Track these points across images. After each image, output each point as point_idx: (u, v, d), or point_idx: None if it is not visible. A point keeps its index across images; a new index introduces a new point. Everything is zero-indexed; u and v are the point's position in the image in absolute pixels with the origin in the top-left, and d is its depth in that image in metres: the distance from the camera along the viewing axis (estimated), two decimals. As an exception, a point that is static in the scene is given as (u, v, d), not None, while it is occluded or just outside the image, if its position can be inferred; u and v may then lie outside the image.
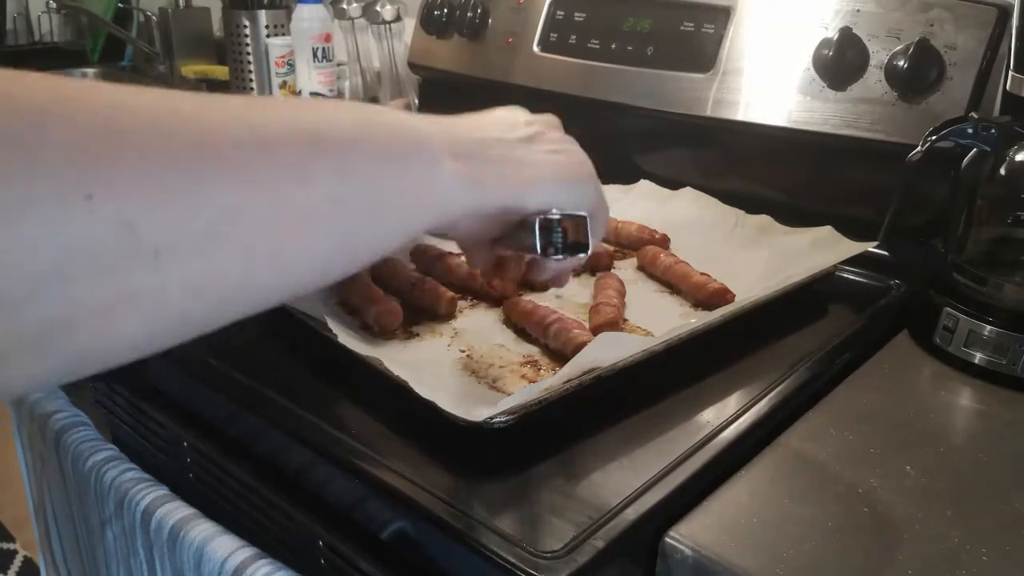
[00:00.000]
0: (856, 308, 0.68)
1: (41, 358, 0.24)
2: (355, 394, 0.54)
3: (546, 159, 0.40)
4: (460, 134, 0.37)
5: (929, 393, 0.59)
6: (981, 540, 0.43)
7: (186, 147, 0.25)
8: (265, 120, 0.29)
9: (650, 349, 0.54)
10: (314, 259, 0.30)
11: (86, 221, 0.22)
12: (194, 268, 0.26)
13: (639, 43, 0.91)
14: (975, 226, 0.63)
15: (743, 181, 0.86)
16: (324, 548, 0.50)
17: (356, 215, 0.31)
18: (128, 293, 0.24)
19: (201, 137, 0.26)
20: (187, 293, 0.26)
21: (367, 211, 0.32)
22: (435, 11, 1.07)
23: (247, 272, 0.28)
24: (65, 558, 0.77)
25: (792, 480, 0.47)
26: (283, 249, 0.29)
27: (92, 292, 0.23)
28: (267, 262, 0.28)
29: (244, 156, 0.27)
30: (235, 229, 0.27)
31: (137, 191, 0.24)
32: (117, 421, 0.69)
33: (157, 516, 0.57)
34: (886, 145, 0.74)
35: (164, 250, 0.24)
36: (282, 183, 0.28)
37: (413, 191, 0.34)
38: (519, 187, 0.38)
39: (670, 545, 0.43)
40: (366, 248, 0.33)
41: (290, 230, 0.28)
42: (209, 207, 0.26)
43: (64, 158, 0.22)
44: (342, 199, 0.30)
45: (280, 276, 0.29)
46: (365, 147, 0.32)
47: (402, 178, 0.33)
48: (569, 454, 0.48)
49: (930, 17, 0.73)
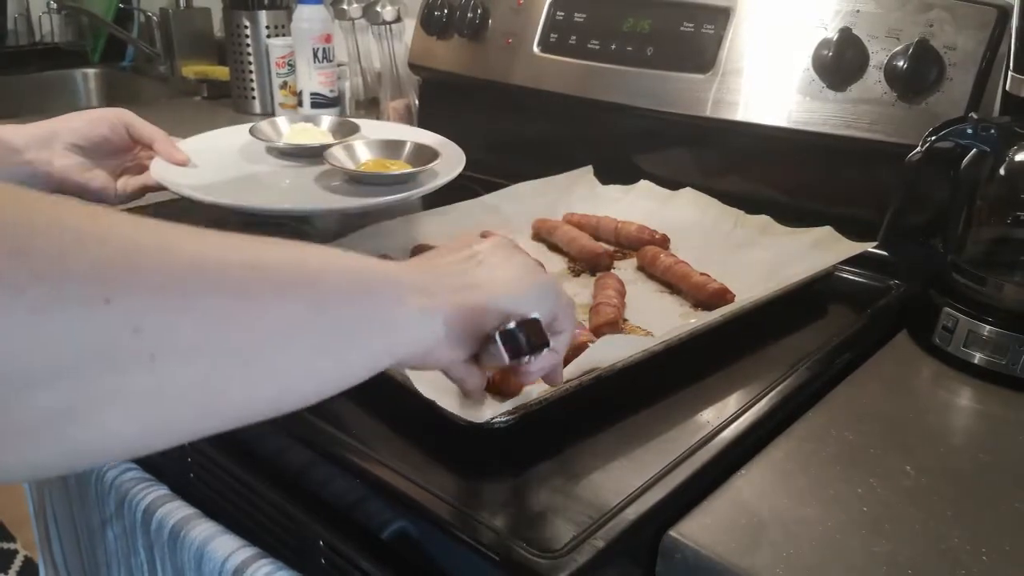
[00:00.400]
0: (856, 308, 0.68)
1: (41, 446, 0.26)
2: (355, 394, 0.54)
3: (496, 273, 0.44)
4: (416, 272, 0.42)
5: (929, 393, 0.59)
6: (981, 540, 0.43)
7: (189, 269, 0.29)
8: (255, 250, 0.33)
9: (650, 349, 0.54)
10: (290, 375, 0.33)
11: (102, 322, 0.26)
12: (185, 372, 0.29)
13: (639, 43, 0.91)
14: (975, 226, 0.63)
15: (743, 181, 0.87)
16: (325, 548, 0.50)
17: (328, 340, 0.34)
18: (126, 390, 0.27)
19: (201, 261, 0.30)
20: (177, 395, 0.29)
21: (339, 336, 0.35)
22: (435, 12, 1.07)
23: (228, 383, 0.30)
24: (65, 558, 0.77)
25: (792, 480, 0.47)
26: (262, 363, 0.31)
27: (96, 386, 0.26)
28: (248, 374, 0.31)
29: (234, 278, 0.31)
30: (221, 341, 0.30)
31: (145, 300, 0.27)
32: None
33: (158, 516, 0.57)
34: (886, 145, 0.74)
35: (161, 354, 0.27)
36: (265, 297, 0.32)
37: (384, 320, 0.37)
38: (477, 305, 0.42)
39: (670, 545, 0.43)
40: (341, 374, 0.36)
41: (269, 345, 0.32)
42: (201, 316, 0.29)
43: (90, 268, 0.26)
44: (317, 323, 0.34)
45: (259, 391, 0.32)
46: (342, 274, 0.36)
47: (375, 307, 0.37)
48: (569, 454, 0.49)
49: (930, 17, 0.73)
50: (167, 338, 0.28)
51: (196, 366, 0.29)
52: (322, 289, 0.34)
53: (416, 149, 0.80)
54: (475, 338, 0.42)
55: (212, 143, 0.85)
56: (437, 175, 0.76)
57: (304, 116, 0.98)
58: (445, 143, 0.84)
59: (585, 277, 0.73)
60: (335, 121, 0.91)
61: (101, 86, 1.83)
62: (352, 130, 0.89)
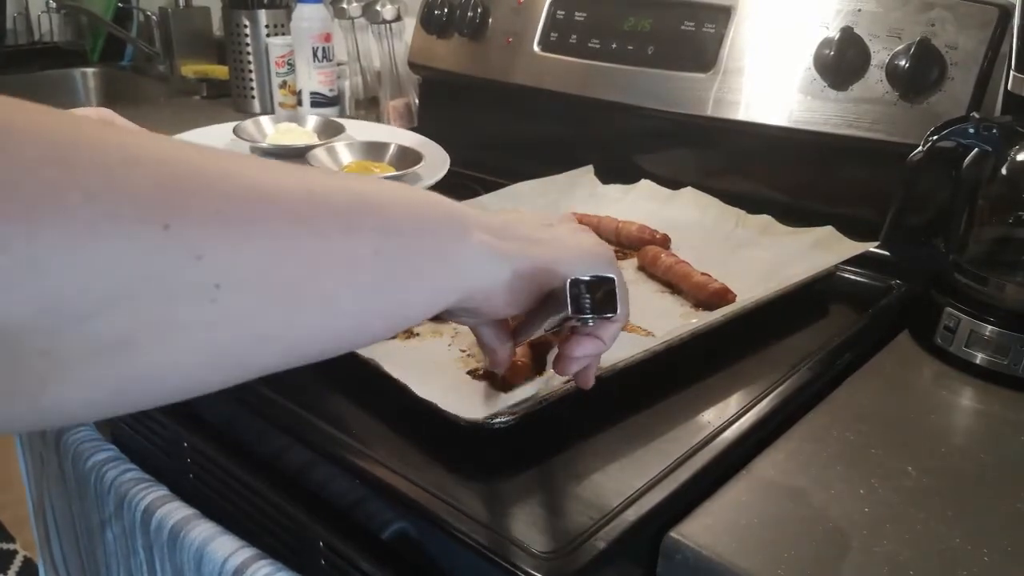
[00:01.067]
0: (857, 308, 0.68)
1: (98, 377, 0.25)
2: (355, 393, 0.54)
3: (569, 239, 0.43)
4: (487, 216, 0.40)
5: (930, 393, 0.59)
6: (982, 540, 0.43)
7: (251, 195, 0.28)
8: (316, 179, 0.32)
9: (651, 349, 0.54)
10: (350, 312, 0.32)
11: (161, 247, 0.24)
12: (247, 306, 0.27)
13: (640, 43, 0.91)
14: (976, 226, 0.63)
15: (744, 181, 0.86)
16: (324, 548, 0.50)
17: (394, 271, 0.33)
18: (188, 322, 0.26)
19: (263, 187, 0.28)
20: (240, 330, 0.27)
21: (404, 269, 0.33)
22: (435, 11, 1.07)
23: (291, 314, 0.29)
24: (65, 558, 0.77)
25: (793, 480, 0.47)
26: (325, 294, 0.30)
27: (156, 316, 0.25)
28: (311, 306, 0.30)
29: (298, 205, 0.29)
30: (285, 270, 0.28)
31: (208, 228, 0.26)
32: (117, 421, 0.69)
33: (157, 516, 0.57)
34: (887, 145, 0.74)
35: (224, 283, 0.26)
36: (329, 230, 0.30)
37: (446, 256, 0.36)
38: (546, 259, 0.40)
39: (671, 545, 0.43)
40: (403, 311, 0.34)
41: (333, 276, 0.30)
42: (266, 246, 0.28)
43: (149, 189, 0.24)
44: (382, 252, 0.32)
45: (321, 324, 0.31)
46: (404, 210, 0.34)
47: (436, 243, 0.35)
48: (570, 454, 0.48)
49: (931, 17, 0.73)
50: (231, 267, 0.26)
51: (260, 297, 0.27)
52: (387, 221, 0.33)
53: (400, 151, 0.80)
54: (537, 294, 0.41)
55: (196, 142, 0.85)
56: (420, 178, 0.76)
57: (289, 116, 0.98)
58: (429, 145, 0.84)
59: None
60: (320, 121, 0.91)
61: (100, 85, 1.83)
62: (337, 131, 0.89)
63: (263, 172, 0.29)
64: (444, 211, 0.36)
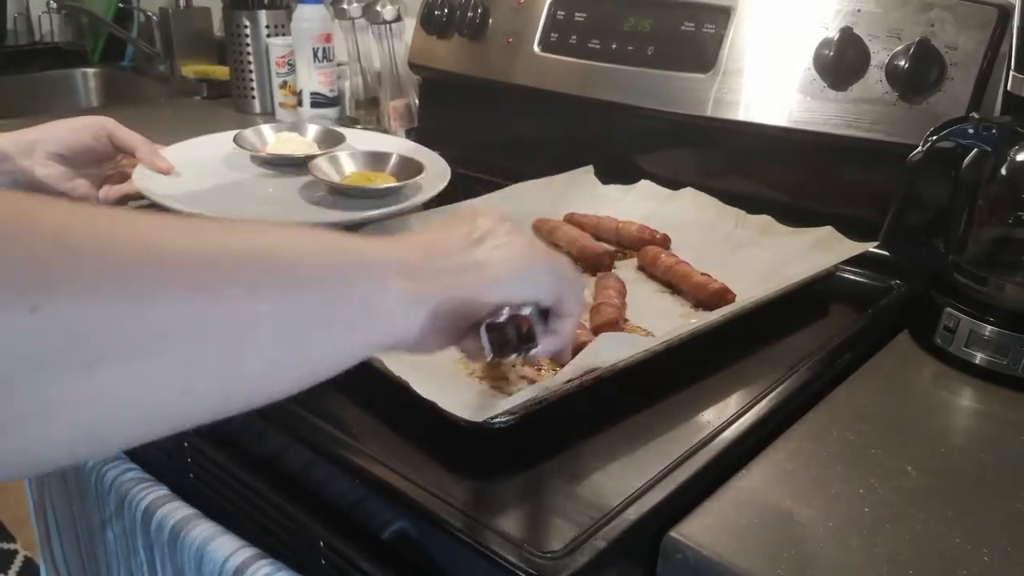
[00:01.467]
0: (857, 308, 0.68)
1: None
2: (355, 394, 0.54)
3: (495, 258, 0.41)
4: (406, 252, 0.38)
5: (930, 393, 0.59)
6: (982, 540, 0.43)
7: (141, 263, 0.26)
8: (220, 238, 0.30)
9: (651, 349, 0.54)
10: (255, 375, 0.31)
11: (29, 328, 0.23)
12: (132, 378, 0.26)
13: (640, 43, 0.91)
14: (976, 226, 0.63)
15: (744, 181, 0.86)
16: (325, 548, 0.50)
17: (302, 332, 0.32)
18: (64, 400, 0.25)
19: (151, 252, 0.27)
20: (124, 402, 0.26)
21: (314, 329, 0.32)
22: (435, 11, 1.07)
23: (186, 384, 0.28)
24: (65, 558, 0.77)
25: (793, 480, 0.47)
26: (225, 362, 0.29)
27: (30, 396, 0.24)
28: (208, 374, 0.29)
29: (195, 270, 0.28)
30: (177, 340, 0.27)
31: (81, 304, 0.25)
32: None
33: (158, 516, 0.57)
34: (887, 145, 0.74)
35: (104, 358, 0.25)
36: (228, 295, 0.29)
37: (361, 311, 0.35)
38: (468, 292, 0.39)
39: (671, 545, 0.43)
40: (312, 367, 0.33)
41: (233, 343, 0.29)
42: (153, 318, 0.26)
43: (13, 271, 0.23)
44: (289, 315, 0.31)
45: (219, 390, 0.30)
46: (315, 265, 0.33)
47: (350, 298, 0.34)
48: (570, 454, 0.48)
49: (931, 17, 0.73)
50: (110, 343, 0.25)
51: (144, 370, 0.26)
52: (295, 280, 0.32)
53: (401, 162, 0.80)
54: (465, 326, 0.40)
55: (196, 151, 0.85)
56: (421, 189, 0.76)
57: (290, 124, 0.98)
58: (430, 155, 0.84)
59: (586, 277, 0.73)
60: (320, 131, 0.91)
61: (101, 86, 1.83)
62: (338, 140, 0.89)
63: (161, 236, 0.28)
64: (359, 260, 0.35)
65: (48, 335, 0.24)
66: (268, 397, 0.32)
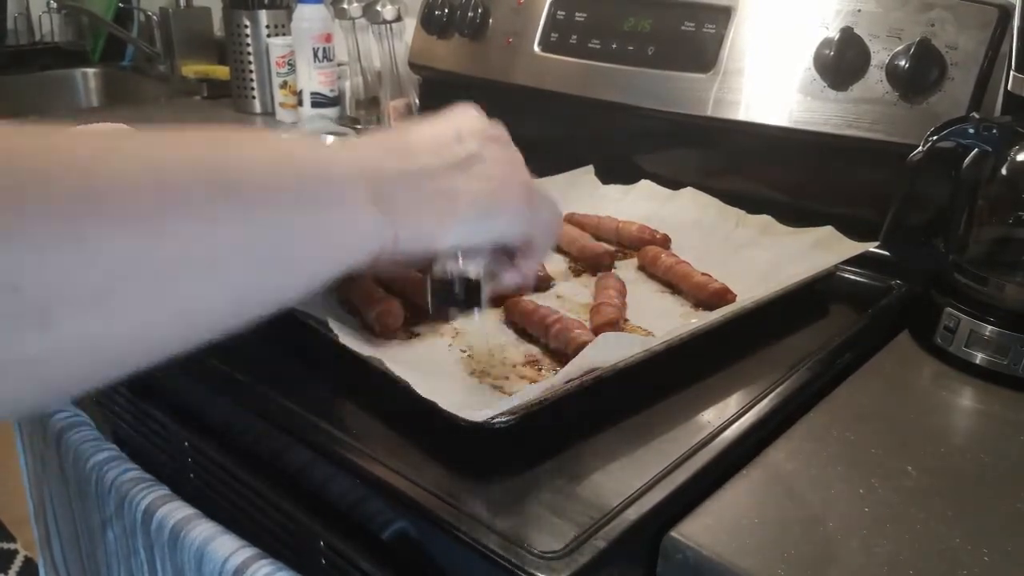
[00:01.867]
0: (857, 308, 0.68)
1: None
2: (356, 394, 0.54)
3: (473, 188, 0.38)
4: (383, 170, 0.36)
5: (930, 393, 0.59)
6: (982, 540, 0.43)
7: (75, 198, 0.24)
8: (169, 161, 0.28)
9: (651, 349, 0.54)
10: (217, 309, 0.29)
11: None
12: (89, 326, 0.24)
13: (640, 43, 0.91)
14: (976, 226, 0.63)
15: (744, 181, 0.86)
16: (325, 548, 0.50)
17: (265, 262, 0.30)
18: (19, 358, 0.23)
19: (93, 185, 0.24)
20: (83, 351, 0.25)
21: (277, 258, 0.30)
22: (436, 11, 1.07)
23: (146, 324, 0.26)
24: (65, 558, 0.77)
25: (793, 480, 0.47)
26: (185, 298, 0.27)
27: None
28: (168, 313, 0.27)
29: (141, 202, 0.26)
30: (132, 280, 0.25)
31: (20, 251, 0.22)
32: (118, 421, 0.69)
33: (158, 516, 0.57)
34: (887, 145, 0.74)
35: (55, 310, 0.23)
36: (183, 230, 0.27)
37: (328, 237, 0.33)
38: (432, 228, 0.37)
39: (671, 545, 0.43)
40: (276, 294, 0.32)
41: (192, 279, 0.27)
42: (103, 259, 0.24)
43: None
44: (250, 247, 0.29)
45: (182, 326, 0.28)
46: (277, 191, 0.30)
47: (316, 224, 0.32)
48: (570, 454, 0.48)
49: (931, 17, 0.73)
50: (58, 290, 0.23)
51: (101, 317, 0.24)
52: (250, 207, 0.29)
53: None
54: (422, 256, 0.39)
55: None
56: None
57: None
58: None
59: (586, 277, 0.73)
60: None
61: (101, 86, 1.83)
62: None
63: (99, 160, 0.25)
64: (327, 181, 0.33)
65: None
66: (233, 325, 0.31)
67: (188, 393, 0.61)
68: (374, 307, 0.60)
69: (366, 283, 0.64)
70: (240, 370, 0.56)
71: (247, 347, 0.61)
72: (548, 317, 0.59)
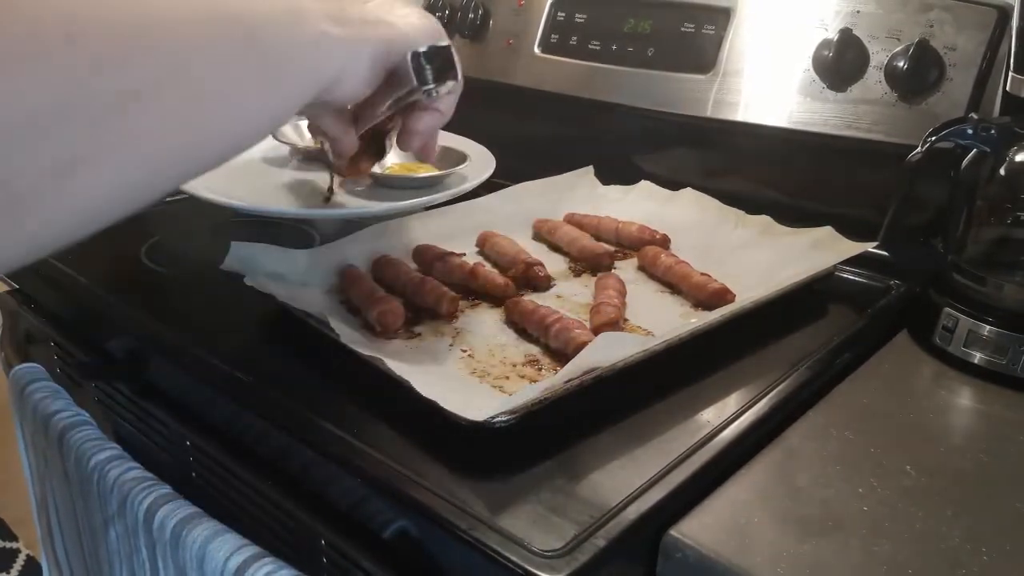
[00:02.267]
0: (856, 308, 0.68)
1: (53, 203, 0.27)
2: (357, 394, 0.54)
3: (397, 16, 0.46)
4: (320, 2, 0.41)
5: (929, 393, 0.59)
6: (981, 540, 0.43)
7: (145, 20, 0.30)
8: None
9: (650, 349, 0.54)
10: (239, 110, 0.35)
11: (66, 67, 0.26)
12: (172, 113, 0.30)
13: (640, 44, 0.91)
14: (975, 226, 0.64)
15: (743, 182, 0.87)
16: (326, 547, 0.50)
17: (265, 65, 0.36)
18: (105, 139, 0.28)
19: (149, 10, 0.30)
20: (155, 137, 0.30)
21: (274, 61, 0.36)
22: (436, 12, 1.07)
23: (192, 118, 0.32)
24: (68, 557, 0.77)
25: (792, 479, 0.48)
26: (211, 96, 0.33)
27: (91, 134, 0.27)
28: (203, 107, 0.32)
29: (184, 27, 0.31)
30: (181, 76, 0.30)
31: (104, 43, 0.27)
32: (120, 420, 0.70)
33: (160, 515, 0.57)
34: (886, 146, 0.74)
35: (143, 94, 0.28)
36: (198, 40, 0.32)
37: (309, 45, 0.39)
38: (388, 38, 0.44)
39: (671, 544, 0.43)
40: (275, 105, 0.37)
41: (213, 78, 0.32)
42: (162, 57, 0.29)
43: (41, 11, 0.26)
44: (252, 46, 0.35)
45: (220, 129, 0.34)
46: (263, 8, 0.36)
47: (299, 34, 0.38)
48: (570, 453, 0.49)
49: (930, 18, 0.73)
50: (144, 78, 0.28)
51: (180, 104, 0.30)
52: (251, 22, 0.35)
53: (444, 152, 0.79)
54: (382, 73, 0.44)
55: None
56: (465, 179, 0.75)
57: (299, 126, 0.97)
58: (474, 146, 0.83)
59: (586, 277, 0.73)
60: None
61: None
62: None
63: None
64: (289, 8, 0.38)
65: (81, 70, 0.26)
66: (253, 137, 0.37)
67: (190, 392, 0.61)
68: (375, 307, 0.61)
69: (367, 283, 0.65)
70: (241, 369, 0.56)
71: (249, 347, 0.62)
72: (548, 317, 0.59)
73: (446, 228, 0.78)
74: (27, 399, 0.72)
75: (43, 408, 0.70)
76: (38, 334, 0.79)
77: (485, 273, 0.68)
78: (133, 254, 0.76)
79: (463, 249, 0.76)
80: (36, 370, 0.75)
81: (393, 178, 0.75)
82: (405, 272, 0.68)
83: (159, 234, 0.79)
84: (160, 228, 0.72)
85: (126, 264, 0.75)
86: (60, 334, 0.75)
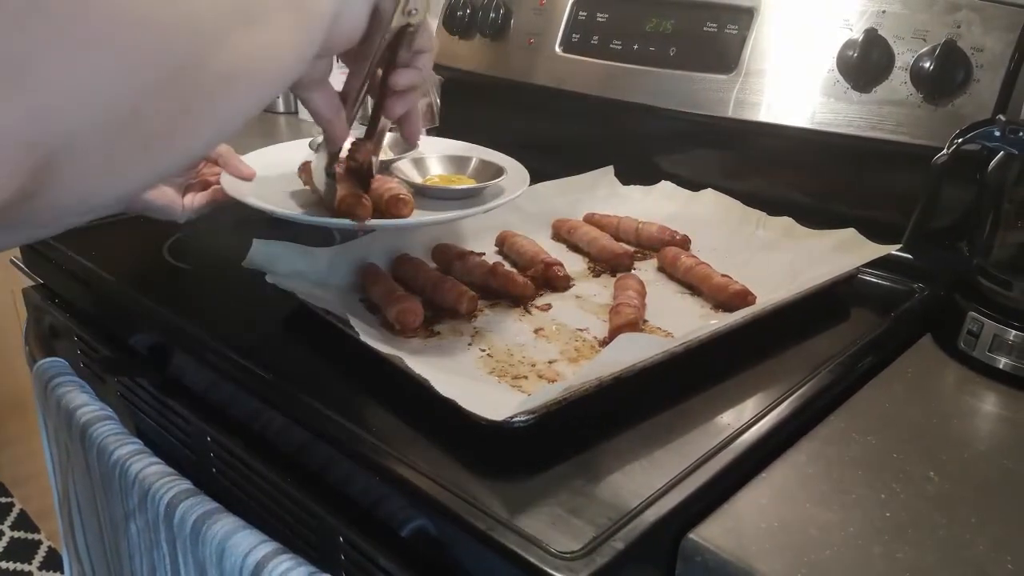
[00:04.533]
0: (879, 311, 0.67)
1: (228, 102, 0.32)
2: (377, 392, 0.55)
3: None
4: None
5: (953, 398, 0.58)
6: (1006, 547, 0.42)
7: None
8: None
9: (670, 350, 0.54)
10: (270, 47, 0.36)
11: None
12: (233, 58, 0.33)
13: (661, 44, 0.91)
14: (1001, 230, 0.63)
15: (765, 182, 0.86)
16: (345, 544, 0.50)
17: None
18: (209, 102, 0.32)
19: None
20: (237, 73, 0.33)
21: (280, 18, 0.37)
22: (458, 11, 1.07)
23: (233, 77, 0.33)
24: (88, 550, 0.78)
25: (813, 484, 0.47)
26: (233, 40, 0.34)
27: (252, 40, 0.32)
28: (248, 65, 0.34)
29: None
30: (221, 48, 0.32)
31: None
32: (142, 415, 0.70)
33: (180, 510, 0.57)
34: (911, 147, 0.73)
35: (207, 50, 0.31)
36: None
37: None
38: None
39: (690, 547, 0.43)
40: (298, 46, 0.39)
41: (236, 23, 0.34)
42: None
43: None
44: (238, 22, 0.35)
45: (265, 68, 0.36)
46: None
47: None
48: (589, 454, 0.49)
49: (957, 18, 0.72)
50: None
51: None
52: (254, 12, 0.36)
53: (480, 165, 0.79)
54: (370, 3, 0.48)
55: (273, 158, 0.84)
56: (503, 191, 0.75)
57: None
58: (510, 161, 0.84)
59: (605, 277, 0.73)
60: (393, 137, 0.91)
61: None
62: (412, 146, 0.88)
63: None
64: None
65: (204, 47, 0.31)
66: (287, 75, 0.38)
67: (211, 389, 0.61)
68: (394, 305, 0.61)
69: (387, 282, 0.65)
70: (263, 367, 0.56)
71: (270, 344, 0.62)
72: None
73: (466, 228, 0.78)
74: (51, 393, 0.73)
75: (67, 402, 0.71)
76: (62, 329, 0.80)
77: (504, 273, 0.68)
78: (156, 250, 0.77)
79: (483, 249, 0.76)
80: (60, 364, 0.76)
81: (431, 189, 0.76)
82: (425, 271, 0.68)
83: (182, 231, 0.80)
84: (183, 225, 0.73)
85: (149, 260, 0.76)
86: (84, 329, 0.76)
